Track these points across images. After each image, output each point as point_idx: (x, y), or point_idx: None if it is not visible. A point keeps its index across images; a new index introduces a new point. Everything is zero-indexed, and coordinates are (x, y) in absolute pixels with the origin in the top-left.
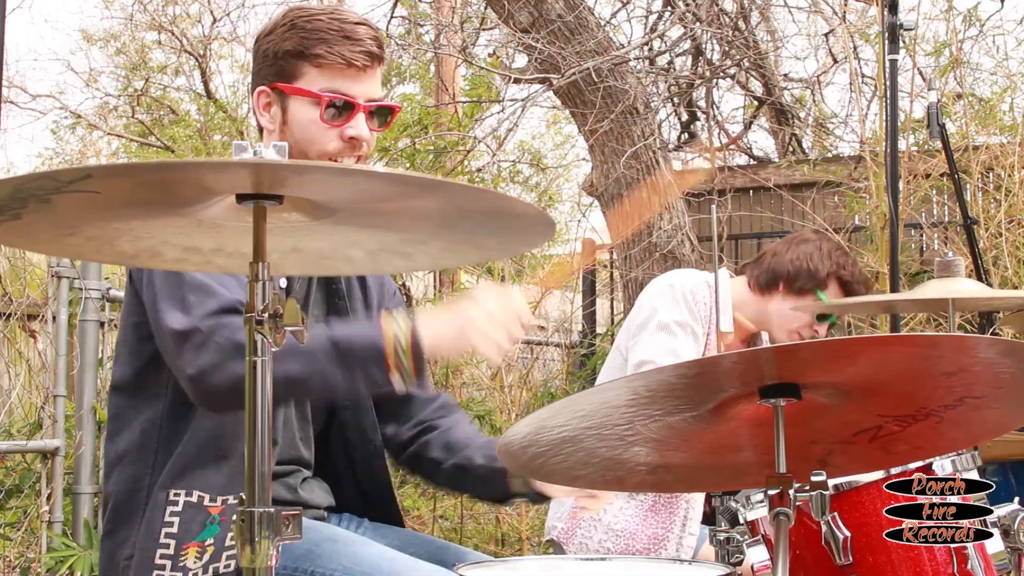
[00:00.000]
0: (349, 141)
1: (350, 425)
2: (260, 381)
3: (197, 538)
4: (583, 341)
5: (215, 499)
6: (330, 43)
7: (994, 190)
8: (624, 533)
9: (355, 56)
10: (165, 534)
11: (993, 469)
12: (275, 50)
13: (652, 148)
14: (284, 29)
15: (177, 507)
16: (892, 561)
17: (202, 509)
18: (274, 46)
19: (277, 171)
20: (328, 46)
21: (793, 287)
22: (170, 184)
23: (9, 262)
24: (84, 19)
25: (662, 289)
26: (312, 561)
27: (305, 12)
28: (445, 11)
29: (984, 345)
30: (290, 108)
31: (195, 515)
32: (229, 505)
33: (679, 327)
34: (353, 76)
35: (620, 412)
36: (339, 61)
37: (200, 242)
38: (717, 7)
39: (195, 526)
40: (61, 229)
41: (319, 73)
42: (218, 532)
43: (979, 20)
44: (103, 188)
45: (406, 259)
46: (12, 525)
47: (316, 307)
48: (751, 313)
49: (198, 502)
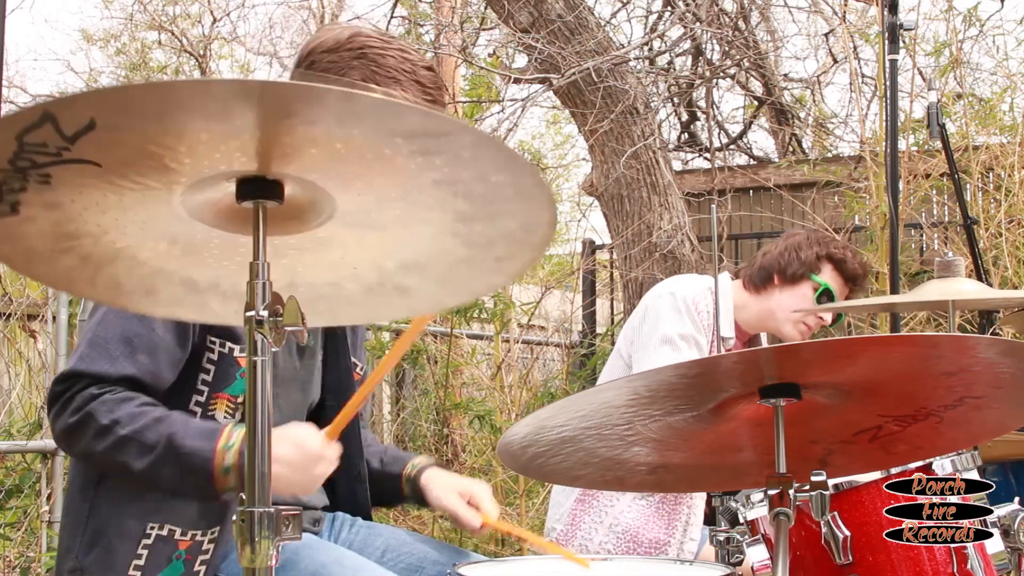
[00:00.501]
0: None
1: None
2: (260, 381)
3: (162, 573)
4: (583, 341)
5: (185, 533)
6: (403, 86)
7: (994, 190)
8: (625, 535)
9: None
10: (133, 566)
11: (993, 469)
12: (338, 71)
13: (652, 148)
14: (351, 55)
15: (149, 539)
16: (892, 561)
17: (171, 542)
18: (336, 68)
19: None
20: (401, 88)
21: (786, 276)
22: (167, 140)
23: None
24: (84, 19)
25: (665, 299)
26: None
27: (376, 43)
28: (445, 11)
29: (984, 345)
30: None
31: (163, 548)
32: (196, 541)
33: (683, 340)
34: None
35: (620, 412)
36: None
37: (196, 275)
38: (717, 7)
39: (162, 560)
40: (57, 238)
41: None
42: (182, 572)
43: (979, 20)
44: (103, 140)
45: (405, 296)
46: (12, 525)
47: (313, 335)
48: (754, 313)
49: (168, 535)
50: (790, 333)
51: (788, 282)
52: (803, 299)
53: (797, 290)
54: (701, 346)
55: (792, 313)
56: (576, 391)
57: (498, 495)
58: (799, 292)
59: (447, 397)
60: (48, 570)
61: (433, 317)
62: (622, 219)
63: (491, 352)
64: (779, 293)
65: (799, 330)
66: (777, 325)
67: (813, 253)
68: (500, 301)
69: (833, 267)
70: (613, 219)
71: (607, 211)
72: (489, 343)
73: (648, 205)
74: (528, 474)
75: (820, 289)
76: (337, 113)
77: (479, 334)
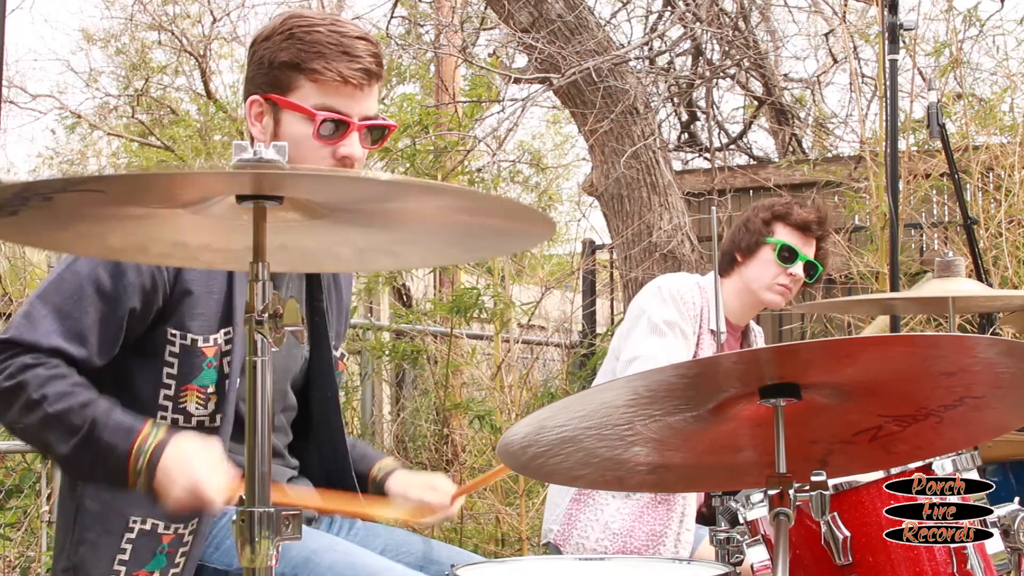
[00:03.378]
0: (341, 159)
1: (322, 424)
2: (260, 381)
3: (147, 567)
4: (583, 341)
5: (168, 527)
6: (328, 58)
7: (994, 190)
8: (622, 532)
9: (352, 74)
10: (118, 560)
11: (993, 469)
12: (271, 59)
13: (652, 148)
14: (282, 38)
15: (132, 534)
16: (892, 561)
17: (155, 536)
18: (270, 54)
19: (284, 178)
20: (326, 61)
21: (744, 250)
22: (174, 187)
23: (9, 262)
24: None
25: (651, 291)
26: (311, 569)
27: (304, 21)
28: (445, 11)
29: (984, 345)
30: (283, 121)
31: (147, 543)
32: (178, 534)
33: (667, 326)
34: (349, 94)
35: (620, 412)
36: (336, 78)
37: (189, 237)
38: (717, 7)
39: (146, 554)
40: (56, 225)
41: (315, 88)
42: (164, 565)
43: (979, 20)
44: (109, 188)
45: (394, 257)
46: (12, 525)
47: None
48: (733, 298)
49: (151, 529)
50: (772, 299)
51: (748, 254)
52: (767, 264)
53: (759, 258)
54: (687, 335)
55: (764, 281)
56: (576, 391)
57: (498, 495)
58: (761, 259)
59: (447, 397)
60: (48, 570)
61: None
62: (622, 219)
63: (491, 352)
64: (745, 268)
65: (778, 292)
66: (757, 298)
67: (759, 219)
68: (500, 301)
69: (782, 223)
70: (613, 219)
71: (607, 211)
72: (489, 343)
73: (648, 205)
74: (528, 474)
75: (777, 248)
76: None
77: (479, 334)
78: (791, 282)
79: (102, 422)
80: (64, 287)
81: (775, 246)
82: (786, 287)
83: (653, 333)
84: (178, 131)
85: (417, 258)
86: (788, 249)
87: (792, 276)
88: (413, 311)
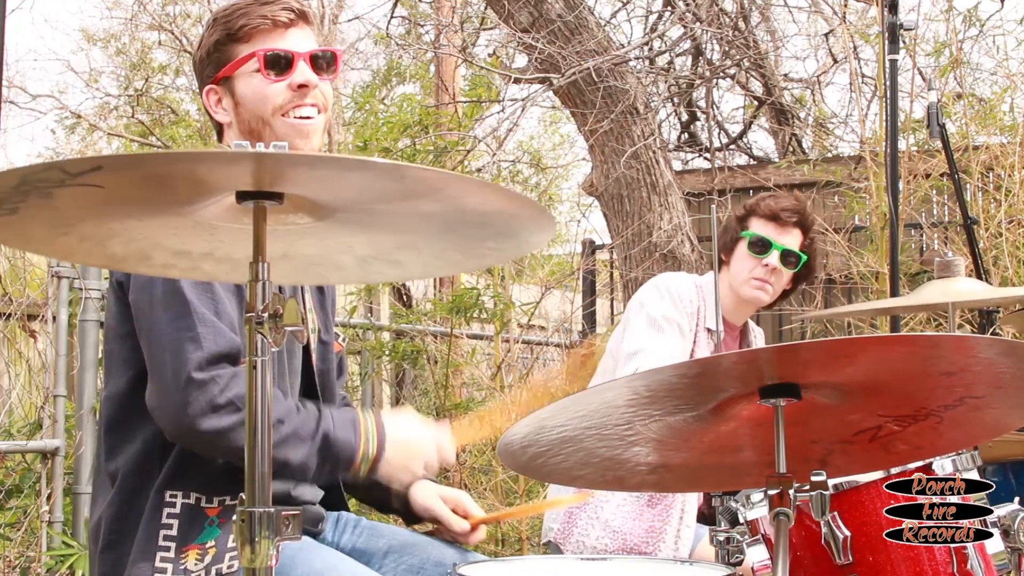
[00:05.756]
0: (299, 90)
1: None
2: (260, 382)
3: (196, 540)
4: (583, 341)
5: (211, 500)
6: (249, 14)
7: (994, 190)
8: (621, 529)
9: (276, 13)
10: (164, 536)
11: (993, 469)
12: (207, 49)
13: (652, 148)
14: (209, 30)
15: (175, 509)
16: (892, 561)
17: (200, 511)
18: (205, 46)
19: (282, 163)
20: (248, 17)
21: (727, 249)
22: (173, 180)
23: (9, 262)
24: (84, 19)
25: (648, 287)
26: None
27: (224, 8)
28: (445, 11)
29: (984, 345)
30: (237, 89)
31: (193, 517)
32: (226, 506)
33: (665, 321)
34: (282, 34)
35: (620, 412)
36: (263, 24)
37: (192, 245)
38: (717, 7)
39: (194, 528)
40: (56, 227)
41: (250, 45)
42: (218, 535)
43: (979, 20)
44: (108, 182)
45: (397, 267)
46: (12, 525)
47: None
48: (726, 296)
49: (195, 503)
50: (750, 294)
51: (729, 252)
52: (744, 258)
53: (736, 253)
54: (684, 330)
55: (742, 276)
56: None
57: (498, 495)
58: (739, 254)
59: (447, 397)
60: (48, 570)
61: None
62: (622, 219)
63: (491, 352)
64: (729, 267)
65: (754, 285)
66: (739, 294)
67: (734, 218)
68: (500, 301)
69: (755, 216)
70: (613, 219)
71: (607, 211)
72: (489, 343)
73: (648, 205)
74: (528, 474)
75: (748, 239)
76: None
77: (479, 334)
78: (766, 273)
79: (327, 424)
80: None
81: (747, 239)
82: (762, 280)
83: (652, 327)
84: (178, 131)
85: (419, 267)
86: (760, 239)
87: (767, 267)
88: (413, 311)
